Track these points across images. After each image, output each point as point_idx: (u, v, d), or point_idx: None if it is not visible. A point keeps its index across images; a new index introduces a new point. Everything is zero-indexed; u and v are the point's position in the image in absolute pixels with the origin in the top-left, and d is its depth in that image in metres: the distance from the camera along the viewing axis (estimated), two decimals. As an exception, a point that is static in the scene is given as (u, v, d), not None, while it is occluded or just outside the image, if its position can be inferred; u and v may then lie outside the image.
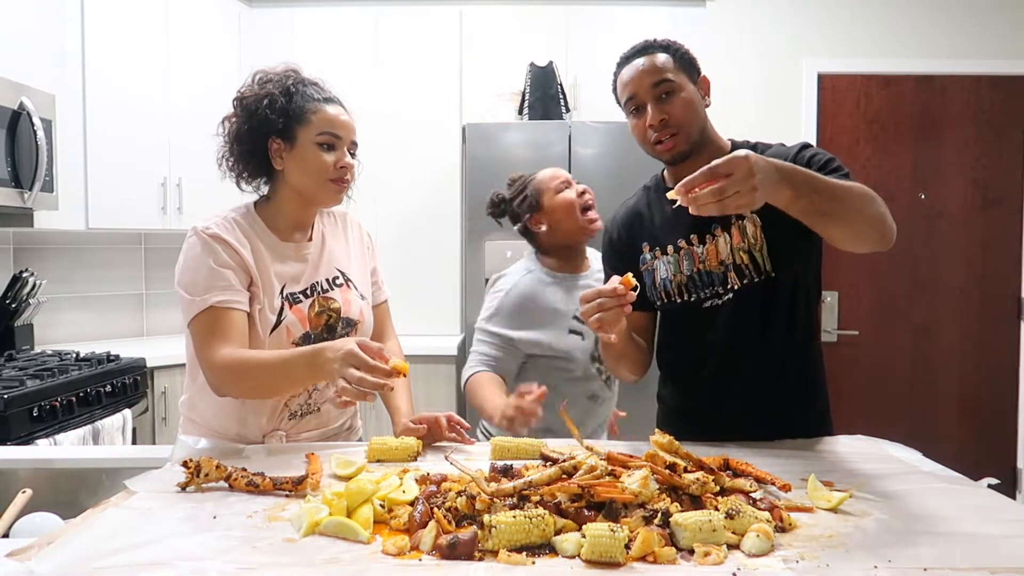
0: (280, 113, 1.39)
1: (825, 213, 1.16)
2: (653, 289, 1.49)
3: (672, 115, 1.38)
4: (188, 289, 1.34)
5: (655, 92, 1.39)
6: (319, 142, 1.40)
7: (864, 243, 1.23)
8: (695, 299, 1.44)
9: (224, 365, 1.30)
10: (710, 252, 1.42)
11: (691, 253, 1.44)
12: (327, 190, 1.43)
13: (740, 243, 1.39)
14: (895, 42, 3.65)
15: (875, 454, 1.35)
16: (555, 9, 3.49)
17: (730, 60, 3.63)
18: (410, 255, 3.47)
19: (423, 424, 1.42)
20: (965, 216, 3.66)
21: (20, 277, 2.73)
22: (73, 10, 2.78)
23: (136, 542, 0.90)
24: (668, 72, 1.40)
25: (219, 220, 1.40)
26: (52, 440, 2.12)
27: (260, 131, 1.41)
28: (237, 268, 1.37)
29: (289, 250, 1.46)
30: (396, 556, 0.88)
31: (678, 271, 1.45)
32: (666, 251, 1.47)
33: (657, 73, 1.39)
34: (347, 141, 1.43)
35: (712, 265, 1.42)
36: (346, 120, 1.44)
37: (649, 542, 0.86)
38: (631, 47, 1.46)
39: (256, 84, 1.43)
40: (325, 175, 1.41)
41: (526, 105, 3.29)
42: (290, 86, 1.41)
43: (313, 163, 1.40)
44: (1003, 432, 3.68)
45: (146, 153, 3.06)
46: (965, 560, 0.86)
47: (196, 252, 1.36)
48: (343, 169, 1.42)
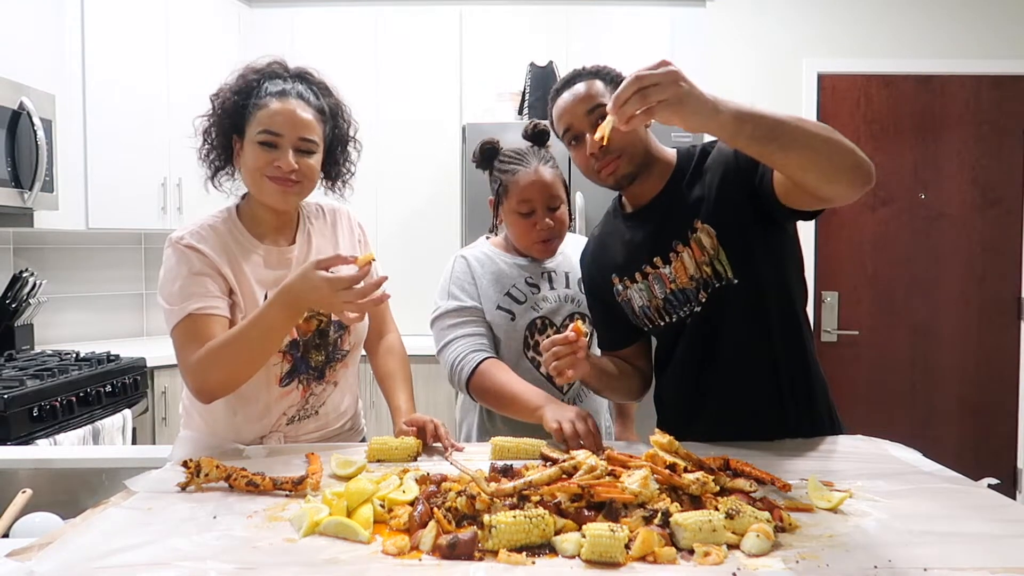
0: (234, 111, 1.36)
1: (776, 138, 1.03)
2: (635, 318, 1.47)
3: (611, 139, 1.17)
4: (167, 299, 1.33)
5: (590, 119, 1.35)
6: (258, 140, 1.33)
7: (836, 173, 1.08)
8: (676, 319, 1.41)
9: (197, 359, 1.28)
10: (678, 270, 1.38)
11: (660, 276, 1.40)
12: (267, 190, 1.35)
13: (701, 256, 1.36)
14: (895, 42, 3.65)
15: (875, 454, 1.35)
16: (555, 9, 3.49)
17: (730, 60, 3.63)
18: (410, 255, 3.47)
19: (413, 427, 1.40)
20: (965, 216, 3.67)
21: (20, 277, 2.73)
22: (73, 10, 2.78)
23: (136, 542, 0.90)
24: (601, 97, 1.36)
25: (194, 229, 1.38)
26: (52, 440, 2.12)
27: (223, 129, 1.38)
28: (214, 274, 1.34)
29: (271, 255, 1.42)
30: (396, 556, 0.88)
31: (652, 296, 1.42)
32: (635, 279, 1.44)
33: (589, 100, 1.36)
34: (291, 139, 1.33)
35: (684, 282, 1.38)
36: (297, 117, 1.34)
37: (649, 542, 0.86)
38: (560, 79, 1.44)
39: (230, 81, 1.40)
40: (260, 172, 1.34)
41: (526, 105, 3.29)
42: (252, 82, 1.37)
43: (250, 161, 1.35)
44: (1003, 432, 3.68)
45: (146, 153, 3.06)
46: (965, 560, 0.86)
47: (172, 263, 1.35)
48: (278, 168, 1.33)
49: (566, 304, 1.63)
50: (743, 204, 1.32)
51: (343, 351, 1.49)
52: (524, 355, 1.61)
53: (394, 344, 1.64)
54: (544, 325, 1.61)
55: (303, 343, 1.42)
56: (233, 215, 1.44)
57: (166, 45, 3.12)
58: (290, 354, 1.41)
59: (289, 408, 1.44)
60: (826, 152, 1.06)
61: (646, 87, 0.98)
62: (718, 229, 1.34)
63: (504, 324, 1.60)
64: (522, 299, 1.61)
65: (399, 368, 1.60)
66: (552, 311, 1.62)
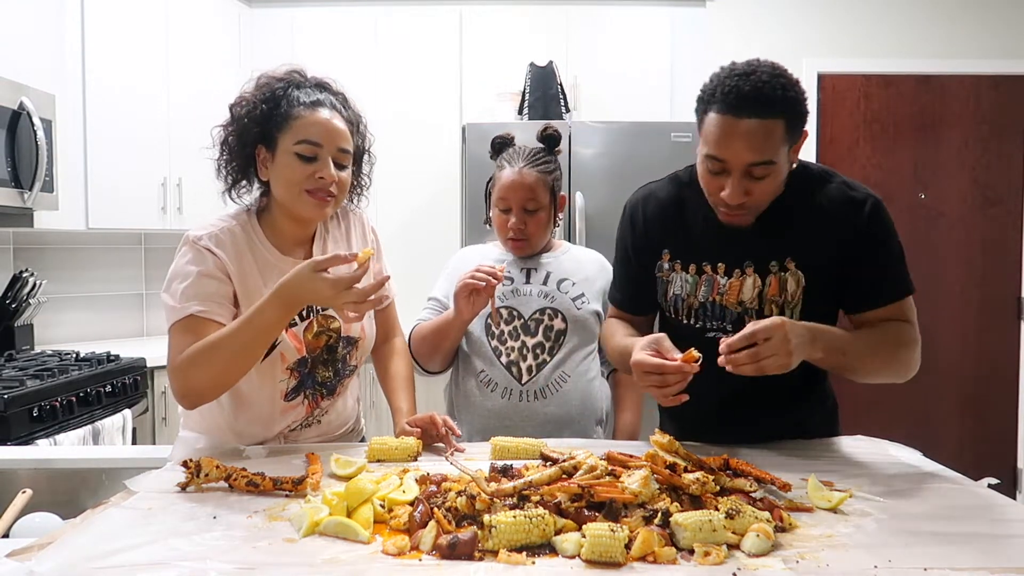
0: (263, 120, 1.32)
1: (845, 369, 1.27)
2: (664, 300, 1.43)
3: (753, 195, 1.22)
4: (173, 295, 1.30)
5: (747, 168, 1.20)
6: (296, 151, 1.29)
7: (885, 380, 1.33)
8: (700, 327, 1.38)
9: (184, 358, 1.24)
10: (732, 287, 1.33)
11: (712, 281, 1.35)
12: (304, 203, 1.32)
13: (776, 294, 1.31)
14: (895, 42, 3.65)
15: (875, 454, 1.35)
16: (555, 9, 3.49)
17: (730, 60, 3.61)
18: (410, 255, 3.46)
19: (417, 428, 1.40)
20: (965, 216, 3.67)
21: (20, 277, 2.73)
22: (73, 10, 2.78)
23: (136, 542, 0.90)
24: (774, 153, 1.19)
25: (214, 231, 1.34)
26: (52, 440, 2.12)
27: (246, 139, 1.34)
28: (225, 281, 1.31)
29: (287, 266, 1.33)
30: (396, 556, 0.88)
31: (693, 294, 1.37)
32: (687, 268, 1.38)
33: (759, 153, 1.18)
34: (331, 150, 1.31)
35: (730, 301, 1.34)
36: (334, 127, 1.32)
37: (649, 542, 0.86)
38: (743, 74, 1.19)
39: (250, 89, 1.36)
40: (300, 186, 1.30)
41: (526, 105, 3.29)
42: (278, 90, 1.33)
43: (288, 173, 1.30)
44: (1003, 432, 3.68)
45: (146, 153, 3.06)
46: (965, 560, 0.86)
47: (185, 260, 1.31)
48: (321, 180, 1.30)
49: (539, 299, 1.64)
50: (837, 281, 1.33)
51: (351, 366, 1.47)
52: (488, 343, 1.63)
53: (399, 346, 1.64)
54: (511, 316, 1.63)
55: (311, 359, 1.39)
56: (254, 222, 1.39)
57: (166, 45, 3.12)
58: (297, 371, 1.38)
59: (293, 421, 1.43)
60: (882, 376, 1.32)
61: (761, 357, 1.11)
62: (809, 283, 1.31)
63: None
64: None
65: (403, 370, 1.60)
66: (521, 303, 1.64)
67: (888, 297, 1.31)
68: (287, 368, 1.37)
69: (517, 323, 1.63)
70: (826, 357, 1.21)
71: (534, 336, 1.62)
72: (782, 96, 1.18)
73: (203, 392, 1.28)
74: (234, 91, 1.40)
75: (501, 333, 1.63)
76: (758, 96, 1.16)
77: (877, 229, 1.30)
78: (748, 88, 1.17)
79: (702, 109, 1.25)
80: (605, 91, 3.45)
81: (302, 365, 1.38)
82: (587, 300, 1.66)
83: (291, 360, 1.36)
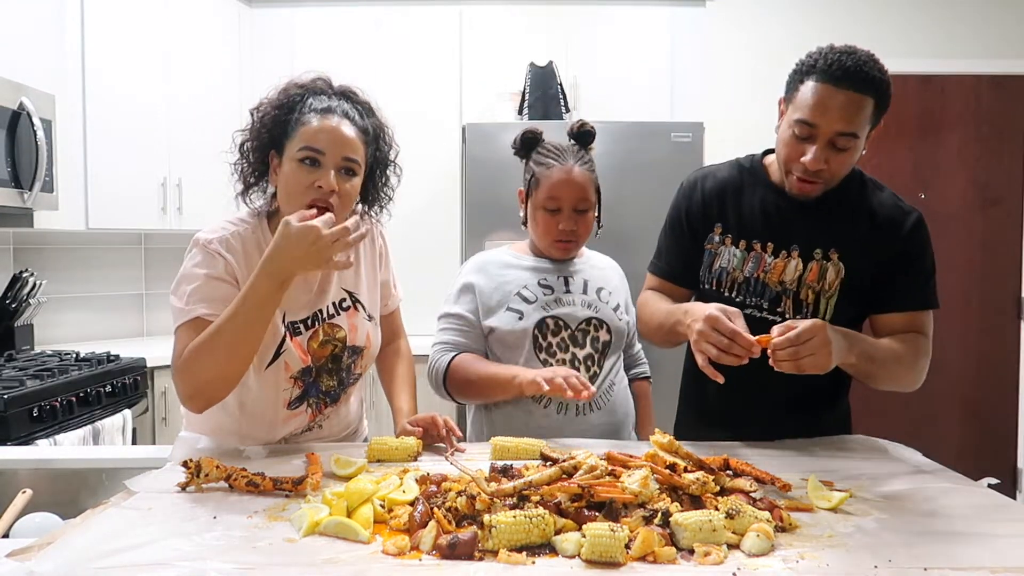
0: (274, 126, 1.31)
1: (870, 375, 1.35)
2: (707, 272, 1.47)
3: (830, 166, 1.29)
4: (180, 297, 1.29)
5: (834, 136, 1.28)
6: (299, 157, 1.26)
7: (900, 389, 1.41)
8: (739, 302, 1.42)
9: (187, 355, 1.23)
10: (776, 267, 1.40)
11: (760, 258, 1.42)
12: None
13: (814, 281, 1.38)
14: (895, 42, 3.65)
15: (875, 454, 1.35)
16: (555, 9, 3.49)
17: (730, 60, 3.63)
18: (410, 255, 3.45)
19: (419, 427, 1.40)
20: (965, 216, 3.67)
21: (20, 277, 2.73)
22: (73, 10, 2.78)
23: (136, 542, 0.90)
24: (861, 126, 1.27)
25: (225, 235, 1.32)
26: (52, 440, 2.12)
27: (260, 145, 1.33)
28: (234, 286, 1.29)
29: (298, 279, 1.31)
30: (396, 556, 0.88)
31: (739, 268, 1.43)
32: (737, 244, 1.44)
33: (849, 124, 1.26)
34: (335, 158, 1.27)
35: (771, 280, 1.41)
36: (341, 134, 1.28)
37: (649, 542, 0.86)
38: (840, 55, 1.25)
39: (272, 95, 1.34)
40: (299, 196, 1.26)
41: (526, 105, 3.29)
42: (295, 96, 1.31)
43: (290, 180, 1.28)
44: (1003, 432, 3.68)
45: (146, 153, 3.05)
46: (965, 560, 0.86)
47: (195, 263, 1.30)
48: (320, 189, 1.25)
49: (583, 309, 1.58)
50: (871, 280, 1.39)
51: (356, 375, 1.47)
52: (536, 356, 1.54)
53: (403, 348, 1.64)
54: (558, 327, 1.56)
55: (315, 369, 1.38)
56: (264, 225, 1.37)
57: (166, 45, 3.11)
58: (301, 380, 1.37)
59: (296, 428, 1.42)
60: (898, 385, 1.39)
61: (801, 356, 1.17)
62: (848, 275, 1.38)
63: (511, 324, 1.55)
64: (532, 299, 1.57)
65: (405, 371, 1.61)
66: (567, 314, 1.57)
67: (913, 304, 1.41)
68: (291, 377, 1.36)
69: (564, 334, 1.56)
70: (858, 362, 1.28)
71: (583, 348, 1.56)
72: (879, 78, 1.26)
73: (209, 386, 1.25)
74: (234, 91, 1.40)
75: (549, 345, 1.55)
76: (858, 71, 1.24)
77: (917, 241, 1.40)
78: (850, 63, 1.25)
79: (799, 79, 1.32)
80: (605, 91, 3.44)
81: (306, 374, 1.37)
82: (624, 311, 1.64)
83: (295, 369, 1.35)
